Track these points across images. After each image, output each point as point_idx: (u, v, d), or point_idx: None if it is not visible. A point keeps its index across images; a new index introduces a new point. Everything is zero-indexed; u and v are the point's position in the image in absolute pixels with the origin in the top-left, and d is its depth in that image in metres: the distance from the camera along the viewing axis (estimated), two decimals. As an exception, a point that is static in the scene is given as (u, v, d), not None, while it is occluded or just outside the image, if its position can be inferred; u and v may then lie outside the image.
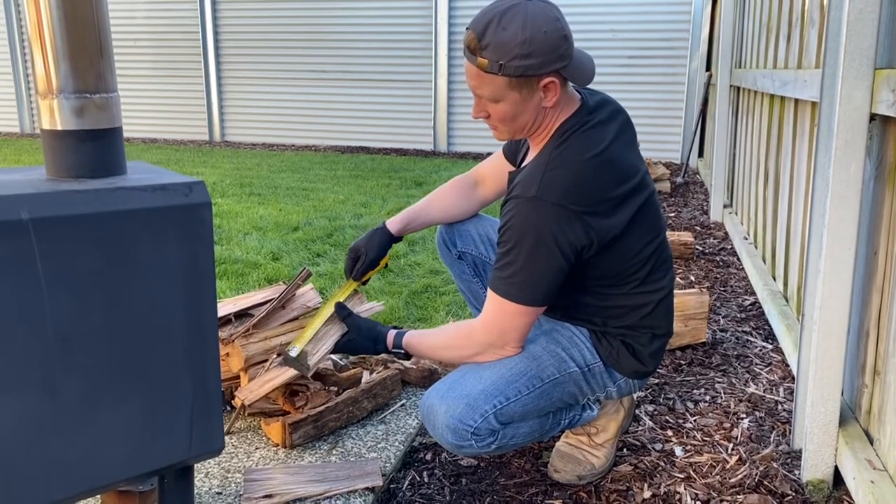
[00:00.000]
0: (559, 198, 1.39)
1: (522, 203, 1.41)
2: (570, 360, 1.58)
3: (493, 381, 1.50)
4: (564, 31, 1.39)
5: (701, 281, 3.31)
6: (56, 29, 1.09)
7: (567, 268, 1.44)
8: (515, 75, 1.38)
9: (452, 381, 1.53)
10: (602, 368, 1.61)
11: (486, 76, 1.40)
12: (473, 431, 1.47)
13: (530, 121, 1.47)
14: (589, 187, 1.42)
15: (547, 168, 1.43)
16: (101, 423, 1.10)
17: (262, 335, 1.89)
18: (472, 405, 1.48)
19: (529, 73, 1.38)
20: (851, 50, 1.49)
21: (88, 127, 1.12)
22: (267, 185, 5.83)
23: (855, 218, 1.54)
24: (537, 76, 1.39)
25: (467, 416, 1.47)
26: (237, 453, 1.76)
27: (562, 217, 1.39)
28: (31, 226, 0.99)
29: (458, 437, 1.48)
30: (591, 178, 1.42)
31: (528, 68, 1.37)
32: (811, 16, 2.46)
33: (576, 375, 1.58)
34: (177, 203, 1.12)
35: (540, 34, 1.35)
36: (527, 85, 1.40)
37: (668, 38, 7.59)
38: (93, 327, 1.07)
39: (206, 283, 1.16)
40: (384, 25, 8.50)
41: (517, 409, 1.52)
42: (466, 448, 1.50)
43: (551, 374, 1.55)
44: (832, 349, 1.61)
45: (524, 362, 1.54)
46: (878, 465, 1.55)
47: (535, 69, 1.38)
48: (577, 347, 1.59)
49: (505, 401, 1.50)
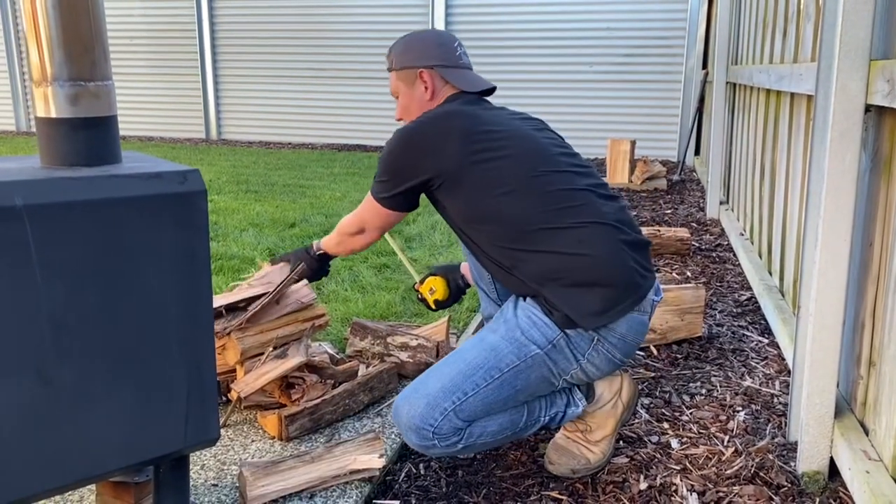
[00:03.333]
0: (410, 127, 1.65)
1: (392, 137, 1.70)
2: (529, 342, 1.53)
3: (452, 378, 1.50)
4: (441, 41, 1.80)
5: (697, 277, 3.32)
6: (50, 16, 1.08)
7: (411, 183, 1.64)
8: (398, 68, 1.80)
9: (419, 381, 1.55)
10: (565, 339, 1.53)
11: (390, 76, 1.84)
12: (435, 431, 1.48)
13: (418, 113, 1.78)
14: (429, 127, 1.63)
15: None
16: (96, 411, 1.10)
17: (257, 328, 1.89)
18: (431, 404, 1.48)
19: (407, 65, 1.78)
20: (847, 41, 1.49)
21: (83, 115, 1.12)
22: (263, 182, 5.83)
23: (850, 209, 1.55)
24: (413, 68, 1.77)
25: (427, 415, 1.48)
26: (233, 446, 1.76)
27: (408, 136, 1.64)
28: (24, 212, 0.99)
29: (421, 438, 1.49)
30: (433, 120, 1.64)
31: (405, 61, 1.79)
32: (807, 9, 2.46)
33: (539, 358, 1.53)
34: (171, 191, 1.11)
35: (417, 39, 1.80)
36: (409, 77, 1.79)
37: (665, 36, 7.60)
38: (87, 315, 1.06)
39: (202, 272, 1.16)
40: (381, 23, 8.49)
41: (478, 404, 1.50)
42: (432, 449, 1.50)
43: (511, 362, 1.52)
44: (828, 340, 1.61)
45: (482, 355, 1.53)
46: (874, 455, 1.55)
47: (411, 61, 1.78)
48: (535, 326, 1.53)
49: (463, 396, 1.49)
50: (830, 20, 1.62)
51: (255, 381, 1.78)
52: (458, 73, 1.80)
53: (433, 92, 1.78)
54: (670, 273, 3.36)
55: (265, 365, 1.83)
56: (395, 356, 2.13)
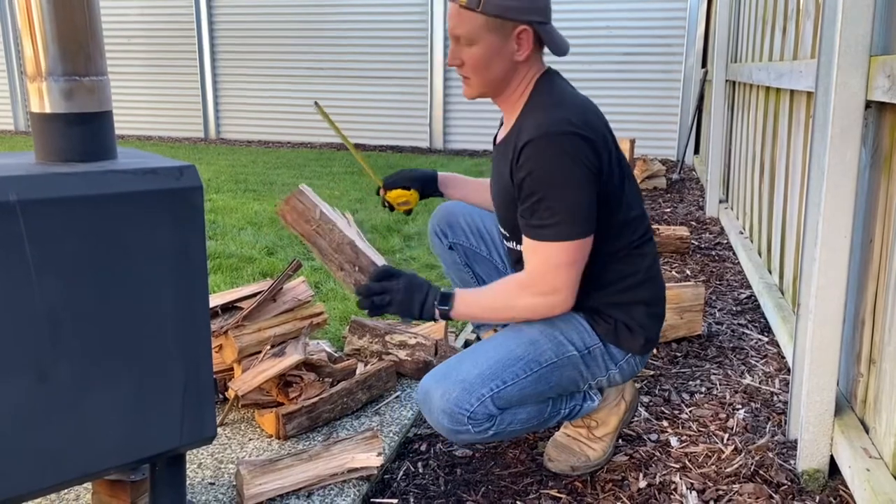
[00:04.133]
0: (572, 126, 1.40)
1: (538, 143, 1.40)
2: (568, 343, 1.55)
3: (490, 365, 1.49)
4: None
5: (697, 275, 3.31)
6: (45, 10, 1.07)
7: (595, 186, 1.43)
8: (492, 14, 1.42)
9: (449, 365, 1.52)
10: (602, 350, 1.58)
11: (464, 13, 1.44)
12: (470, 416, 1.46)
13: (501, 73, 1.49)
14: (591, 118, 1.46)
15: (546, 107, 1.45)
16: (92, 409, 1.09)
17: (255, 326, 1.88)
18: (468, 389, 1.46)
19: (507, 16, 1.42)
20: (847, 37, 1.48)
21: (78, 110, 1.11)
22: (262, 181, 5.82)
23: (851, 206, 1.54)
24: (513, 21, 1.43)
25: (464, 399, 1.45)
26: (230, 444, 1.75)
27: (578, 140, 1.40)
28: (18, 208, 0.98)
29: (455, 422, 1.46)
30: (590, 111, 1.47)
31: (506, 10, 1.42)
32: (807, 7, 2.45)
33: (575, 359, 1.56)
34: (167, 186, 1.10)
35: None
36: (502, 29, 1.44)
37: (664, 34, 7.59)
38: (82, 311, 1.06)
39: (198, 268, 1.15)
40: (380, 22, 8.48)
41: (514, 394, 1.50)
42: (463, 434, 1.48)
43: (549, 358, 1.53)
44: (828, 338, 1.61)
45: (522, 346, 1.53)
46: (874, 453, 1.55)
47: (513, 13, 1.42)
48: (575, 330, 1.56)
49: (502, 384, 1.48)
50: (830, 16, 1.61)
51: (252, 380, 1.78)
52: (551, 31, 1.49)
53: (528, 56, 1.48)
54: (670, 271, 3.35)
55: (263, 363, 1.82)
56: (393, 354, 2.13)
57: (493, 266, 1.96)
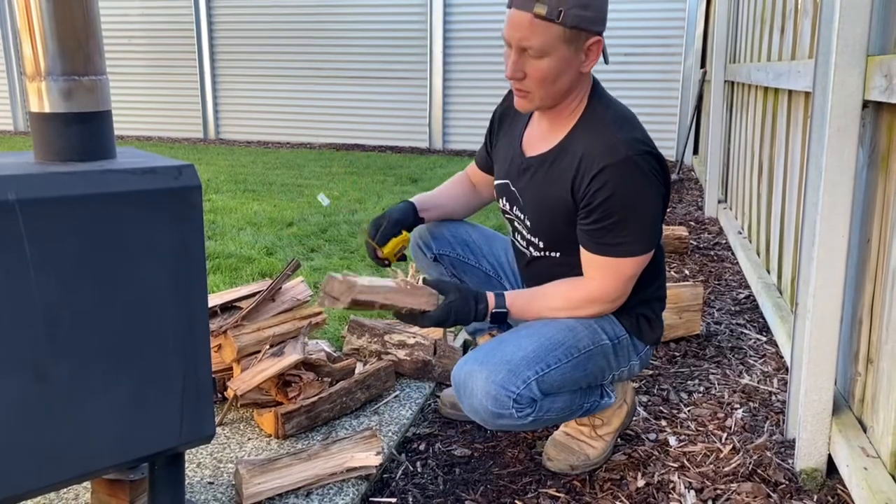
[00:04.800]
0: (645, 146, 1.43)
1: (619, 167, 1.40)
2: (601, 331, 1.58)
3: (534, 349, 1.49)
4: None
5: (695, 275, 3.31)
6: (44, 9, 1.08)
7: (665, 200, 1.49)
8: (571, 25, 1.36)
9: (490, 348, 1.50)
10: (628, 340, 1.62)
11: (540, 25, 1.36)
12: (515, 398, 1.44)
13: (567, 86, 1.45)
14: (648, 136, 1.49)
15: (615, 128, 1.45)
16: (90, 408, 1.09)
17: (254, 326, 1.88)
18: (514, 371, 1.44)
19: (584, 27, 1.37)
20: (844, 37, 1.49)
21: (77, 110, 1.12)
22: (261, 181, 5.82)
23: (848, 205, 1.54)
24: (587, 32, 1.39)
25: (509, 381, 1.43)
26: (229, 444, 1.75)
27: (654, 161, 1.44)
28: (17, 207, 0.99)
29: (499, 405, 1.43)
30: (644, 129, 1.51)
31: (583, 21, 1.36)
32: (805, 6, 2.46)
33: (607, 348, 1.58)
34: (166, 186, 1.11)
35: None
36: (576, 41, 1.39)
37: (663, 34, 7.60)
38: (81, 310, 1.06)
39: (196, 267, 1.15)
40: (379, 22, 8.49)
41: (557, 378, 1.50)
42: (506, 417, 1.45)
43: (586, 346, 1.55)
44: (826, 337, 1.61)
45: (561, 332, 1.53)
46: (872, 452, 1.55)
47: (588, 24, 1.37)
48: (606, 321, 1.60)
49: (546, 368, 1.48)
50: (828, 15, 1.61)
51: (251, 379, 1.78)
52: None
53: (591, 68, 1.46)
54: (669, 271, 3.36)
55: (262, 363, 1.82)
56: (392, 354, 2.13)
57: (483, 274, 1.92)
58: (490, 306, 1.54)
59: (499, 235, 1.98)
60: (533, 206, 1.59)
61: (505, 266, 1.92)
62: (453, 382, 1.51)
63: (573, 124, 1.51)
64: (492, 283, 1.92)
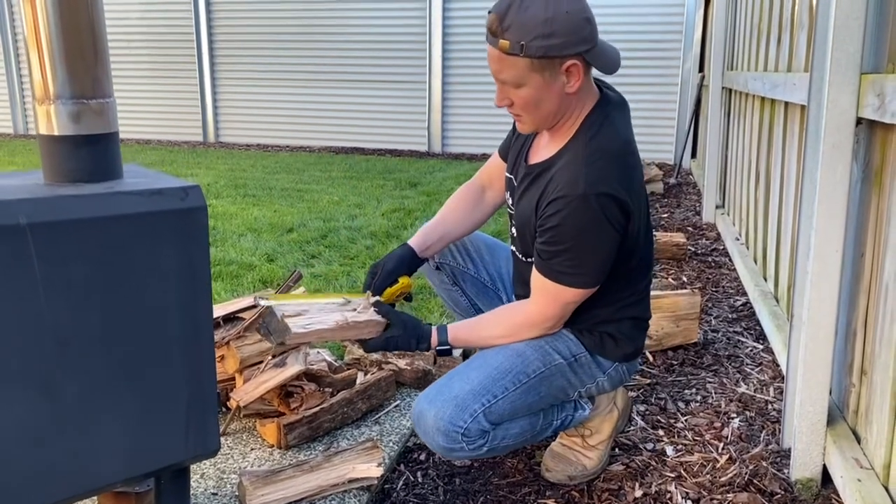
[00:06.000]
0: (608, 187, 1.42)
1: (573, 201, 1.42)
2: (554, 352, 1.59)
3: (481, 381, 1.52)
4: (587, 14, 1.39)
5: (693, 281, 3.34)
6: (53, 34, 1.10)
7: (618, 243, 1.48)
8: (537, 56, 1.36)
9: (441, 385, 1.55)
10: (589, 358, 1.62)
11: (507, 59, 1.39)
12: (464, 433, 1.48)
13: (554, 108, 1.47)
14: (629, 175, 1.47)
15: (587, 161, 1.44)
16: (99, 424, 1.12)
17: (256, 337, 1.90)
18: (460, 406, 1.49)
19: (552, 54, 1.37)
20: (838, 55, 1.51)
21: (85, 132, 1.14)
22: (261, 186, 5.84)
23: (842, 220, 1.57)
24: (560, 57, 1.38)
25: (457, 417, 1.48)
26: (232, 454, 1.77)
27: (613, 205, 1.43)
28: (29, 230, 1.01)
29: (449, 440, 1.49)
30: (630, 166, 1.48)
31: (550, 48, 1.36)
32: (801, 19, 2.49)
33: (562, 367, 1.59)
34: (173, 207, 1.13)
35: (562, 14, 1.35)
36: (549, 67, 1.39)
37: (661, 39, 7.63)
38: (90, 330, 1.08)
39: (202, 286, 1.18)
40: (378, 26, 8.51)
41: (506, 407, 1.53)
42: (458, 451, 1.51)
43: (537, 369, 1.56)
44: (820, 349, 1.63)
45: (509, 359, 1.56)
46: (865, 463, 1.58)
47: (558, 49, 1.36)
48: (560, 340, 1.61)
49: (493, 399, 1.51)
50: (822, 34, 1.64)
51: (254, 390, 1.80)
52: (600, 52, 1.43)
53: (580, 86, 1.44)
54: (666, 278, 3.38)
55: (264, 373, 1.84)
56: (392, 364, 2.15)
57: (482, 284, 1.95)
58: (433, 344, 1.60)
59: (501, 245, 2.00)
60: (518, 211, 1.63)
61: (504, 277, 1.95)
62: (411, 420, 1.57)
63: (566, 142, 1.53)
64: (489, 294, 1.94)
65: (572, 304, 1.54)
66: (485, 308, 1.93)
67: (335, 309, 1.55)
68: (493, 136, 8.26)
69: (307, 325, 1.49)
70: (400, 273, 1.74)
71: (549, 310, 1.54)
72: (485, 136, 8.35)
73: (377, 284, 1.70)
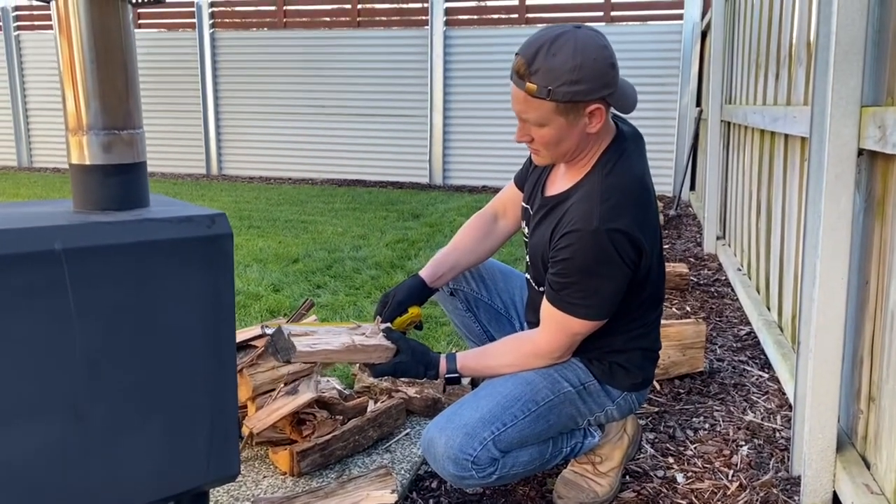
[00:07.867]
0: (621, 224, 1.45)
1: (585, 235, 1.45)
2: (563, 380, 1.61)
3: (490, 409, 1.53)
4: (612, 60, 1.44)
5: (696, 311, 3.36)
6: (88, 70, 1.15)
7: (629, 278, 1.51)
8: (563, 101, 1.41)
9: (451, 413, 1.56)
10: (598, 387, 1.65)
11: (533, 101, 1.43)
12: (473, 461, 1.50)
13: (573, 146, 1.52)
14: (643, 212, 1.51)
15: (602, 198, 1.48)
16: (125, 448, 1.14)
17: (269, 365, 1.92)
18: (470, 434, 1.50)
19: (577, 100, 1.42)
20: (839, 89, 1.56)
21: (116, 162, 1.18)
22: (265, 217, 5.89)
23: (846, 249, 1.60)
24: (584, 102, 1.43)
25: (467, 444, 1.49)
26: (245, 482, 1.78)
27: (625, 242, 1.46)
28: (63, 256, 1.04)
29: (459, 468, 1.50)
30: (644, 203, 1.52)
31: (576, 94, 1.41)
32: (798, 54, 2.56)
33: (571, 395, 1.61)
34: (200, 234, 1.16)
35: (590, 61, 1.40)
36: (573, 110, 1.44)
37: (659, 73, 7.76)
38: (118, 354, 1.11)
39: (226, 312, 1.21)
40: (380, 61, 8.66)
41: (515, 435, 1.54)
42: (468, 479, 1.52)
43: (546, 397, 1.58)
44: (828, 376, 1.66)
45: (518, 387, 1.58)
46: (876, 489, 1.59)
47: (583, 95, 1.41)
48: (569, 369, 1.63)
49: (502, 426, 1.53)
50: (822, 69, 1.69)
51: (267, 418, 1.81)
52: (619, 94, 1.48)
53: (601, 127, 1.49)
54: (670, 308, 3.41)
55: (277, 401, 1.86)
56: (402, 391, 2.17)
57: (496, 311, 1.97)
58: (441, 372, 1.62)
59: (515, 272, 2.03)
60: (533, 241, 1.66)
61: (518, 304, 1.97)
62: (421, 448, 1.58)
63: (582, 176, 1.57)
64: (501, 321, 1.97)
65: (580, 336, 1.57)
66: (497, 335, 1.95)
67: (344, 332, 1.58)
68: (494, 169, 8.35)
69: (314, 344, 1.52)
70: (410, 304, 1.77)
71: (557, 340, 1.57)
72: (485, 168, 8.44)
73: (387, 314, 1.74)
